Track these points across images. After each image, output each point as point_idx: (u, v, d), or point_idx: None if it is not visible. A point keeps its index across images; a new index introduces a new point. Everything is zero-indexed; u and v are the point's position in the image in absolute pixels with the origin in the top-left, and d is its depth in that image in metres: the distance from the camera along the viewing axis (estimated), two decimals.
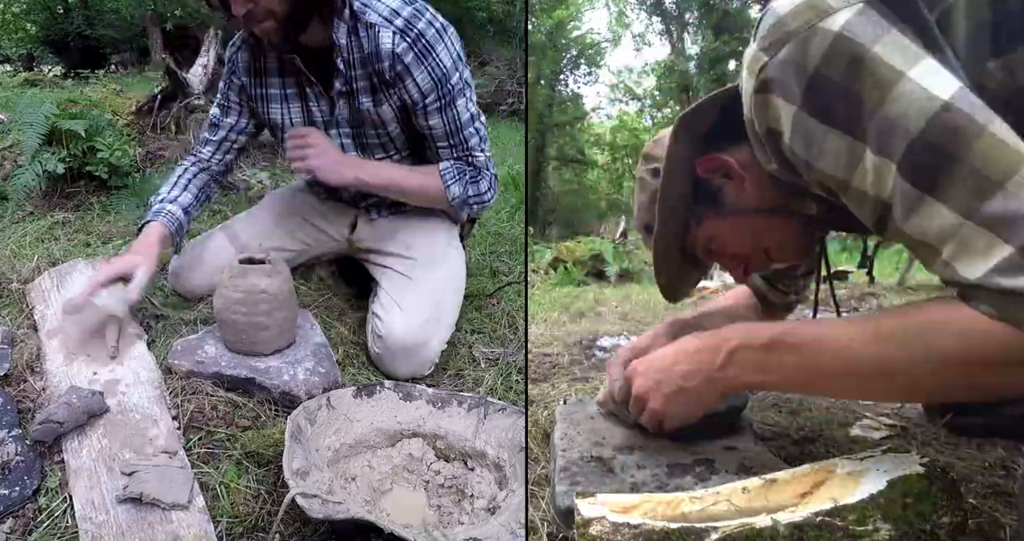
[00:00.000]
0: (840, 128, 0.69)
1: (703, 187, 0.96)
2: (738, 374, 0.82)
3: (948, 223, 0.64)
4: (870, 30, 0.68)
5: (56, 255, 1.86)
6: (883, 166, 0.67)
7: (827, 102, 0.70)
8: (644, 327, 2.29)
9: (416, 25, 1.35)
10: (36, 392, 1.21)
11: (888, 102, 0.66)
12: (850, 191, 0.72)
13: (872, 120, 0.67)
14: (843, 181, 0.72)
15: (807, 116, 0.71)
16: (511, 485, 1.08)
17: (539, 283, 4.37)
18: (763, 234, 0.96)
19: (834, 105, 0.69)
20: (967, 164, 0.63)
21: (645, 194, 1.04)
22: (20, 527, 0.93)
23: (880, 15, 0.69)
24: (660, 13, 18.32)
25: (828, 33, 0.68)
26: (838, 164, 0.71)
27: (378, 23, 1.35)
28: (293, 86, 1.48)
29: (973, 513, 0.81)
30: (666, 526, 0.66)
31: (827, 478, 0.73)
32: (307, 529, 0.96)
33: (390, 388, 1.23)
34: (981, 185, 0.63)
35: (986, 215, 0.62)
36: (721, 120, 0.91)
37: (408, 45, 1.34)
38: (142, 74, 6.70)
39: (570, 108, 19.42)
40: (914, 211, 0.66)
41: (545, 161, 17.88)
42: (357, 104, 1.43)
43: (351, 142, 1.50)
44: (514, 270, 2.07)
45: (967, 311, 0.65)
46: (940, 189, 0.64)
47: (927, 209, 0.65)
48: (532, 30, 15.53)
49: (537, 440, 1.13)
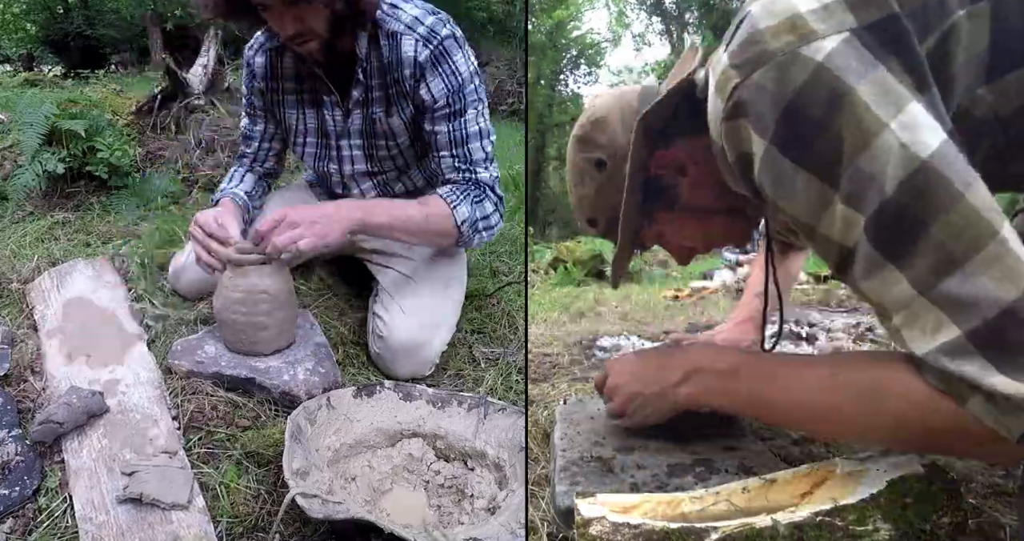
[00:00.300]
0: (812, 171, 0.65)
1: (655, 184, 0.91)
2: (691, 393, 0.87)
3: (904, 294, 0.62)
4: (855, 65, 0.62)
5: (56, 255, 1.86)
6: (852, 217, 0.64)
7: (801, 140, 0.65)
8: (644, 327, 2.29)
9: (439, 32, 1.34)
10: (36, 392, 1.21)
11: (866, 154, 0.62)
12: (816, 235, 0.68)
13: (848, 168, 0.63)
14: (808, 225, 0.68)
15: (778, 153, 0.66)
16: (511, 485, 1.08)
17: (539, 283, 4.37)
18: (713, 230, 0.96)
19: (808, 145, 0.64)
20: (934, 236, 0.60)
21: (588, 186, 0.97)
22: (20, 527, 0.93)
23: (867, 48, 0.63)
24: (660, 13, 18.32)
25: (809, 62, 0.63)
26: (807, 208, 0.67)
27: (400, 31, 1.34)
28: (309, 92, 1.48)
29: (973, 513, 0.81)
30: (666, 526, 0.66)
31: (827, 478, 0.73)
32: (307, 529, 0.96)
33: (390, 388, 1.23)
34: (943, 260, 0.60)
35: (941, 293, 0.60)
36: (675, 115, 0.87)
37: (429, 52, 1.33)
38: (142, 74, 6.70)
39: (570, 108, 19.41)
40: (872, 274, 0.64)
41: (545, 161, 17.88)
42: (371, 114, 1.42)
43: (361, 153, 1.50)
44: (514, 270, 2.07)
45: (917, 381, 0.64)
46: (903, 259, 0.62)
47: (886, 275, 0.63)
48: (532, 30, 15.52)
49: (537, 440, 1.13)
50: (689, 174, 0.90)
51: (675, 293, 3.37)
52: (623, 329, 2.23)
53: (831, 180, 0.64)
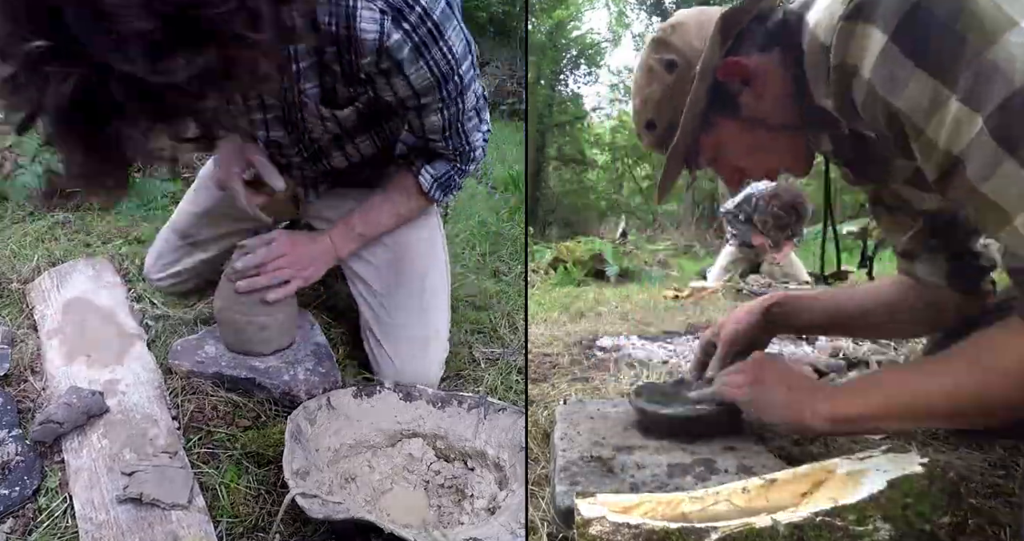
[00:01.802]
0: (929, 69, 0.65)
1: (719, 91, 0.90)
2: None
3: None
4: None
5: (56, 255, 1.86)
6: (965, 118, 0.63)
7: (923, 39, 0.65)
8: (644, 327, 2.29)
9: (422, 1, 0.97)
10: (36, 392, 1.21)
11: (993, 48, 0.61)
12: (921, 139, 0.68)
13: (970, 65, 0.63)
14: (916, 126, 0.68)
15: (898, 52, 0.66)
16: (511, 485, 1.08)
17: (539, 283, 4.37)
18: (769, 150, 0.94)
19: (930, 43, 0.65)
20: None
21: (655, 87, 0.96)
22: (20, 527, 0.93)
23: None
24: (660, 13, 18.30)
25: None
26: (917, 108, 0.66)
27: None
28: None
29: (973, 513, 0.81)
30: (666, 526, 0.66)
31: (827, 478, 0.73)
32: (307, 529, 0.96)
33: (390, 388, 1.23)
34: None
35: None
36: (753, 25, 0.88)
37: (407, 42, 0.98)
38: None
39: (570, 108, 19.40)
40: (994, 172, 0.62)
41: (545, 161, 17.86)
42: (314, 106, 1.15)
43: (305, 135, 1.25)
44: (514, 270, 2.07)
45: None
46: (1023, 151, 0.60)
47: (1010, 170, 0.62)
48: (532, 30, 15.51)
49: (537, 440, 1.13)
50: (754, 85, 0.90)
51: (675, 293, 3.37)
52: (623, 329, 2.23)
53: (949, 79, 0.64)
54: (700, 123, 0.92)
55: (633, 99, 1.02)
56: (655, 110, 0.98)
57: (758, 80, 0.89)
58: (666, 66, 0.94)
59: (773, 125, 0.91)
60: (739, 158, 0.97)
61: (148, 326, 1.46)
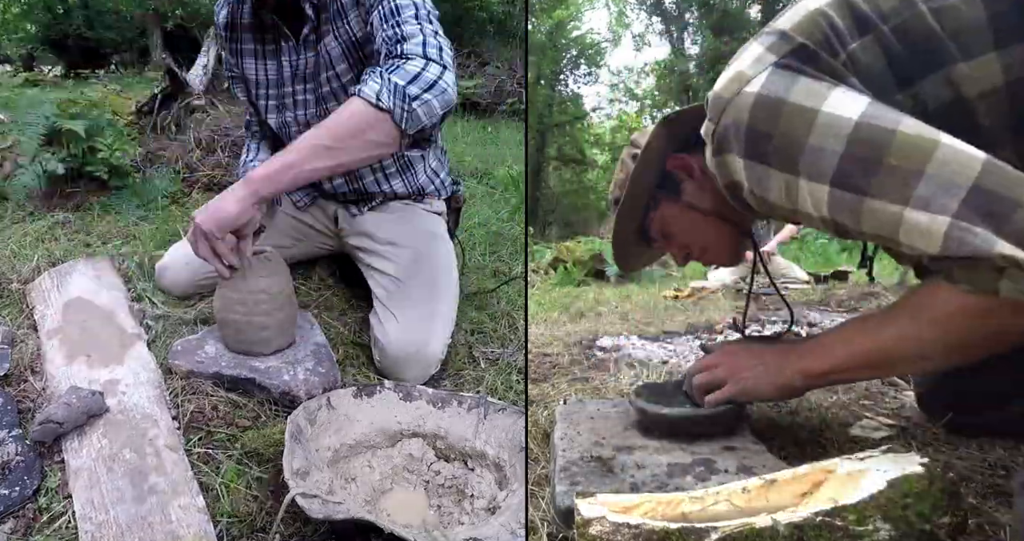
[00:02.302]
0: (776, 167, 0.83)
1: (669, 178, 1.09)
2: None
3: (892, 215, 0.75)
4: (782, 84, 0.82)
5: (56, 255, 1.86)
6: (817, 191, 0.80)
7: (763, 147, 0.83)
8: (644, 327, 2.29)
9: None
10: (36, 392, 1.21)
11: (811, 135, 0.79)
12: (800, 215, 0.86)
13: (802, 153, 0.80)
14: (792, 210, 0.85)
15: (752, 162, 0.85)
16: (511, 485, 1.08)
17: (539, 283, 4.37)
18: (705, 232, 1.10)
19: (768, 149, 0.83)
20: (888, 162, 0.75)
21: (623, 173, 1.14)
22: (20, 527, 0.93)
23: (787, 70, 0.83)
24: (660, 13, 18.31)
25: (751, 94, 0.84)
26: (783, 197, 0.84)
27: None
28: (269, 42, 1.50)
29: (973, 513, 0.81)
30: (666, 526, 0.66)
31: (827, 478, 0.73)
32: (307, 529, 0.96)
33: (390, 388, 1.23)
34: (909, 172, 0.74)
35: (920, 197, 0.73)
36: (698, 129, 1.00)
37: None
38: (142, 74, 6.71)
39: (570, 108, 19.41)
40: (862, 214, 0.78)
41: (545, 161, 17.88)
42: (322, 48, 1.41)
43: (313, 97, 1.50)
44: (514, 270, 2.07)
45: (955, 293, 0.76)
46: (875, 188, 0.76)
47: (872, 208, 0.76)
48: (532, 30, 15.52)
49: (537, 440, 1.13)
50: (695, 177, 1.06)
51: (675, 293, 3.37)
52: (623, 329, 2.23)
53: (792, 169, 0.82)
54: (646, 198, 1.10)
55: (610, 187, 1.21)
56: (619, 189, 1.14)
57: (695, 174, 1.06)
58: (632, 157, 1.12)
59: (707, 211, 1.07)
60: (682, 236, 1.12)
61: (148, 326, 1.46)
